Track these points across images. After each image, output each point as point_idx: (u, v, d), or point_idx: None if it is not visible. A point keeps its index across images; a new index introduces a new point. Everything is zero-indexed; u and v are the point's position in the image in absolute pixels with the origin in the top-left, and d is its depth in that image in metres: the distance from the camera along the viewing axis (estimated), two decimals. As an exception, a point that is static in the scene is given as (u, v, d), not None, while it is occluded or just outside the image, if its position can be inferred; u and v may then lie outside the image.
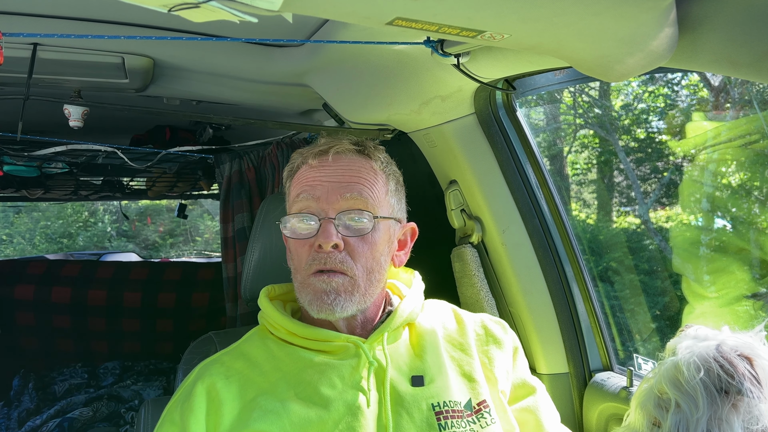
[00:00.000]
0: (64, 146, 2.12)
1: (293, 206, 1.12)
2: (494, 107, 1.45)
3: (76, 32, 1.22)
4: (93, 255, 5.95)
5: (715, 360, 0.88)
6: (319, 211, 1.07)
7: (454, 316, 1.24)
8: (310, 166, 1.11)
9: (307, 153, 1.13)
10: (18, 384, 3.36)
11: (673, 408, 0.89)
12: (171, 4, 0.62)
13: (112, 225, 13.39)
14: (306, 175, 1.11)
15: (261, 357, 1.09)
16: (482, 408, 1.07)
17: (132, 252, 6.86)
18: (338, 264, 1.05)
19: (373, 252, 1.08)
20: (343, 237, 1.05)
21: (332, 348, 1.07)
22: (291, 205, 1.13)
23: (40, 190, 3.31)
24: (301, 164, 1.14)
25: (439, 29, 0.73)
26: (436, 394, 1.04)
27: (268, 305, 1.14)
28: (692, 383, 0.88)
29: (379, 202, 1.10)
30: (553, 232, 1.51)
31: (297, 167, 1.15)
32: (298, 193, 1.11)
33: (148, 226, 13.29)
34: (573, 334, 1.50)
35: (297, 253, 1.09)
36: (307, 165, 1.12)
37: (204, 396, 1.02)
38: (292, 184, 1.15)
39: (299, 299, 1.10)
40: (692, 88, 5.32)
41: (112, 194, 3.98)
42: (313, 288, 1.06)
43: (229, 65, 1.49)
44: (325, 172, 1.10)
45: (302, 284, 1.08)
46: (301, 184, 1.11)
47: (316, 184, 1.09)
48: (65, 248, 12.29)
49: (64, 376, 3.48)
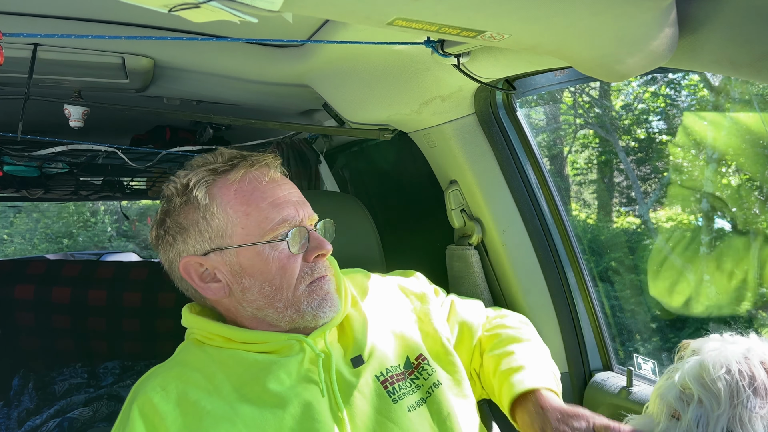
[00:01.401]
0: (64, 146, 2.12)
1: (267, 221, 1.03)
2: (494, 107, 1.45)
3: (77, 32, 1.22)
4: (93, 255, 5.96)
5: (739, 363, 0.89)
6: (301, 224, 1.06)
7: (374, 283, 1.28)
8: (263, 179, 1.06)
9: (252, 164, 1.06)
10: (18, 384, 3.36)
11: (695, 403, 0.91)
12: (171, 4, 0.62)
13: (113, 225, 13.39)
14: (270, 188, 1.05)
15: (199, 362, 1.04)
16: (421, 362, 1.13)
17: (132, 252, 6.86)
18: (327, 270, 1.09)
19: None
20: None
21: (275, 348, 1.05)
22: (258, 222, 1.03)
23: (41, 190, 3.31)
24: (245, 175, 1.05)
25: (439, 29, 0.73)
26: (378, 365, 1.09)
27: (194, 317, 1.11)
28: (715, 381, 0.89)
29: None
30: (553, 232, 1.51)
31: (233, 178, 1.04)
32: (273, 209, 1.03)
33: (148, 226, 13.28)
34: (573, 334, 1.50)
35: (284, 272, 1.03)
36: (261, 176, 1.06)
37: (140, 419, 0.95)
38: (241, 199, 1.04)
39: (295, 314, 1.05)
40: (692, 88, 5.31)
41: (113, 194, 3.98)
42: (321, 291, 1.06)
43: (229, 65, 1.49)
44: (287, 186, 1.08)
45: (302, 296, 1.04)
46: (270, 198, 1.04)
47: (288, 198, 1.06)
48: (65, 248, 12.29)
49: (64, 375, 3.48)
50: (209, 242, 1.04)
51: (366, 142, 2.34)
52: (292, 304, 1.04)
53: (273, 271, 1.03)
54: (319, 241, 1.06)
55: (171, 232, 1.08)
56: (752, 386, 0.87)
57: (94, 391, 3.29)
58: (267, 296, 1.04)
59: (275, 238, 1.02)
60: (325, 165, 2.58)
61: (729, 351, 0.92)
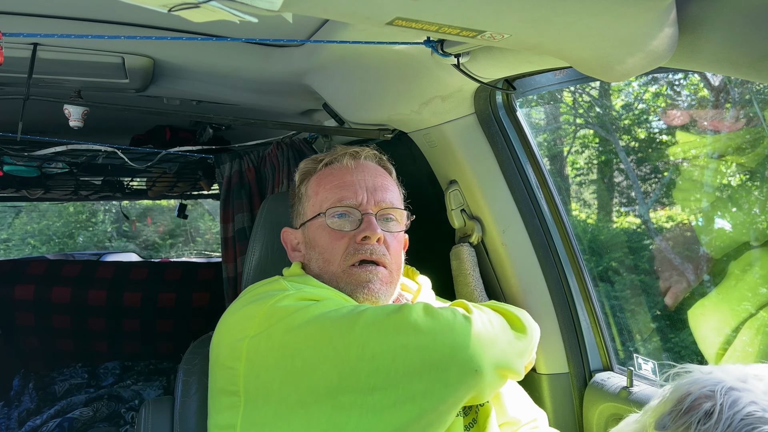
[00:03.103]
0: (64, 146, 2.12)
1: (327, 200, 1.17)
2: (494, 107, 1.45)
3: (76, 32, 1.22)
4: (93, 255, 5.95)
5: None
6: (360, 207, 1.16)
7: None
8: (344, 167, 1.20)
9: (335, 155, 1.21)
10: (18, 384, 3.36)
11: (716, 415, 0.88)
12: (171, 4, 0.62)
13: (113, 225, 13.40)
14: (340, 173, 1.19)
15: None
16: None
17: (132, 252, 6.86)
18: (381, 256, 1.14)
19: (400, 250, 1.21)
20: (382, 232, 1.15)
21: None
22: (323, 201, 1.18)
23: (40, 190, 3.31)
24: (329, 164, 1.21)
25: (439, 29, 0.73)
26: None
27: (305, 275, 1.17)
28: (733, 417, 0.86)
29: (402, 208, 1.23)
30: (553, 232, 1.51)
31: (320, 168, 1.22)
32: (335, 190, 1.17)
33: (148, 226, 13.29)
34: (573, 334, 1.50)
35: (331, 246, 1.14)
36: (339, 164, 1.20)
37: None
38: (319, 182, 1.20)
39: (333, 284, 1.13)
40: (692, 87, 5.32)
41: (113, 194, 3.98)
42: (358, 278, 1.12)
43: (229, 65, 1.49)
44: (360, 174, 1.19)
45: (343, 274, 1.13)
46: (336, 181, 1.18)
47: (355, 182, 1.17)
48: (65, 248, 12.29)
49: (65, 376, 3.48)
50: (299, 218, 1.24)
51: (366, 142, 2.34)
52: (335, 279, 1.14)
53: (323, 245, 1.15)
54: (368, 224, 1.13)
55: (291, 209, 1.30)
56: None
57: (95, 391, 3.29)
58: (320, 266, 1.16)
59: (331, 214, 1.15)
60: (325, 165, 2.57)
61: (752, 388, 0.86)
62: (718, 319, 1.95)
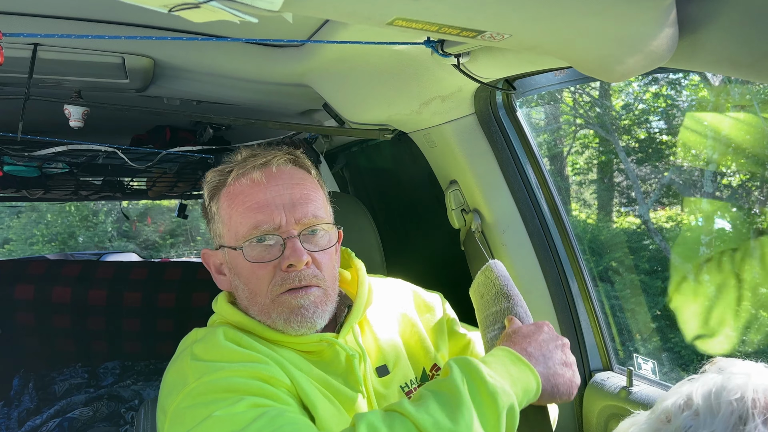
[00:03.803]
0: (64, 146, 2.12)
1: (242, 226, 1.03)
2: (494, 107, 1.45)
3: (77, 32, 1.22)
4: (93, 255, 5.96)
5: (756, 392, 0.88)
6: (280, 231, 1.02)
7: (413, 295, 1.27)
8: (252, 182, 1.04)
9: (243, 167, 1.05)
10: (18, 384, 3.36)
11: (692, 413, 0.91)
12: (171, 5, 0.62)
13: (113, 225, 13.40)
14: (251, 191, 1.04)
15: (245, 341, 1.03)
16: (434, 373, 1.15)
17: (132, 252, 6.86)
18: (312, 279, 1.03)
19: (333, 261, 1.09)
20: (308, 252, 1.02)
21: (310, 348, 1.06)
22: (238, 228, 1.04)
23: (41, 190, 3.31)
24: (237, 179, 1.05)
25: (439, 29, 0.73)
26: (402, 376, 1.12)
27: (230, 308, 1.09)
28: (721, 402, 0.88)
29: (326, 213, 1.10)
30: (553, 232, 1.51)
31: (231, 180, 1.06)
32: (248, 214, 1.03)
33: (148, 226, 13.30)
34: (573, 334, 1.50)
35: (256, 277, 1.02)
36: (247, 179, 1.04)
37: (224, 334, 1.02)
38: (231, 202, 1.05)
39: (270, 320, 1.04)
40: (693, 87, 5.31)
41: (113, 194, 3.98)
42: (289, 305, 1.02)
43: (230, 65, 1.49)
44: (275, 189, 1.04)
45: (272, 303, 1.03)
46: (248, 202, 1.03)
47: (270, 202, 1.02)
48: (65, 248, 12.29)
49: (64, 376, 3.48)
50: (217, 239, 1.11)
51: (366, 142, 2.34)
52: (264, 310, 1.04)
53: (247, 275, 1.04)
54: (292, 250, 1.01)
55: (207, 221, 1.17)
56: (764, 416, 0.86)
57: (94, 391, 3.29)
58: (248, 298, 1.06)
59: (251, 245, 1.02)
60: (325, 165, 2.58)
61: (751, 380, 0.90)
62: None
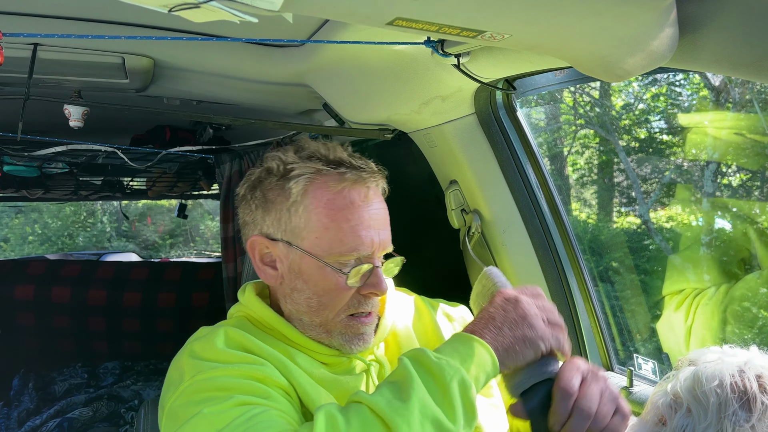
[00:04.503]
0: (64, 146, 2.12)
1: (339, 244, 1.00)
2: (494, 107, 1.45)
3: (76, 32, 1.22)
4: (93, 255, 5.96)
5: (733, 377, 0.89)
6: (371, 258, 1.02)
7: (417, 306, 1.26)
8: (355, 200, 1.01)
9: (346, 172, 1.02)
10: (18, 384, 3.36)
11: (684, 411, 0.91)
12: (171, 4, 0.62)
13: (112, 225, 13.40)
14: (354, 210, 1.01)
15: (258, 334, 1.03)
16: None
17: (132, 252, 6.86)
18: (375, 306, 1.06)
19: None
20: None
21: (327, 359, 1.06)
22: (331, 241, 1.00)
23: (40, 190, 3.32)
24: (338, 185, 1.01)
25: (439, 29, 0.73)
26: None
27: (258, 303, 1.08)
28: (707, 394, 0.89)
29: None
30: (553, 232, 1.51)
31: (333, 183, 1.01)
32: (350, 235, 1.00)
33: (148, 226, 13.29)
34: (573, 334, 1.50)
35: (336, 294, 1.01)
36: (349, 191, 1.01)
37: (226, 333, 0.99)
38: (328, 211, 1.01)
39: (324, 333, 1.05)
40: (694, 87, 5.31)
41: (112, 194, 3.98)
42: (356, 330, 1.04)
43: (229, 65, 1.49)
44: (373, 211, 1.03)
45: (340, 323, 1.03)
46: (352, 221, 1.01)
47: (369, 225, 1.01)
48: (65, 248, 12.29)
49: (64, 376, 3.48)
50: (283, 233, 1.03)
51: (366, 142, 2.34)
52: (325, 325, 1.04)
53: (325, 290, 1.02)
54: (378, 281, 1.02)
55: (256, 202, 1.07)
56: (741, 400, 0.87)
57: (94, 391, 3.29)
58: (310, 307, 1.03)
59: (339, 263, 1.01)
60: (325, 165, 2.56)
61: (725, 364, 0.91)
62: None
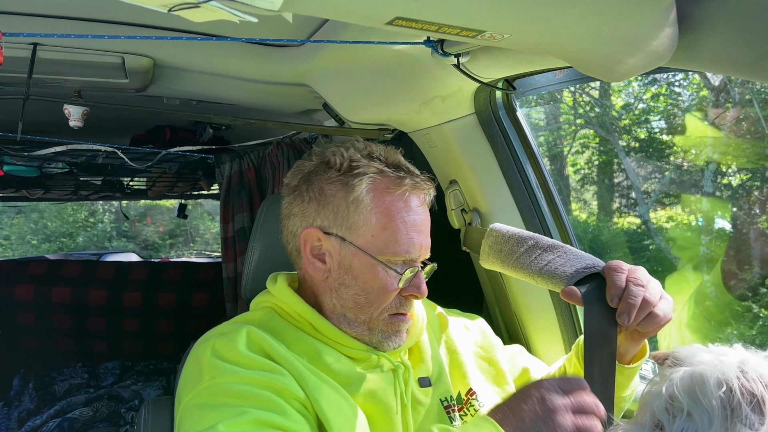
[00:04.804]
0: (64, 146, 2.13)
1: (394, 244, 1.05)
2: (494, 107, 1.45)
3: (76, 32, 1.22)
4: (93, 255, 5.96)
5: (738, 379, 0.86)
6: (416, 261, 1.09)
7: (438, 316, 1.29)
8: (411, 204, 1.07)
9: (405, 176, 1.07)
10: (18, 384, 3.36)
11: (684, 416, 0.88)
12: (171, 4, 0.62)
13: (112, 225, 13.40)
14: (411, 214, 1.07)
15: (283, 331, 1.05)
16: (469, 398, 1.17)
17: (132, 252, 6.86)
18: (412, 309, 1.12)
19: None
20: None
21: (354, 354, 1.08)
22: (387, 240, 1.04)
23: (40, 190, 3.32)
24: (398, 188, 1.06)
25: (439, 29, 0.73)
26: (443, 390, 1.14)
27: (291, 294, 1.10)
28: (711, 398, 0.85)
29: None
30: (553, 232, 1.51)
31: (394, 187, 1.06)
32: (407, 237, 1.05)
33: (148, 226, 13.30)
34: (573, 335, 1.50)
35: (384, 292, 1.06)
36: (407, 196, 1.07)
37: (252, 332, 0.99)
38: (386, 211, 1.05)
39: (365, 331, 1.08)
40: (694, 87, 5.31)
41: (112, 194, 3.98)
42: (396, 328, 1.09)
43: (229, 65, 1.49)
44: (423, 215, 1.09)
45: (382, 322, 1.08)
46: (408, 224, 1.06)
47: (420, 230, 1.08)
48: (65, 248, 12.30)
49: (64, 376, 3.48)
50: (338, 228, 1.05)
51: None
52: (369, 322, 1.07)
53: (374, 288, 1.05)
54: (420, 283, 1.08)
55: (311, 194, 1.08)
56: (752, 404, 0.83)
57: (94, 391, 3.29)
58: (357, 303, 1.06)
59: (392, 263, 1.05)
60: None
61: (725, 365, 0.87)
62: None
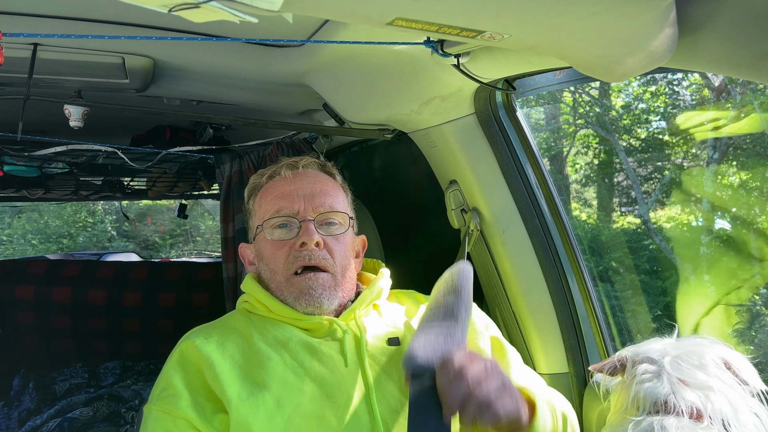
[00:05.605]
0: (64, 146, 2.13)
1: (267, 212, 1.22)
2: (494, 107, 1.45)
3: (76, 32, 1.22)
4: (93, 255, 5.96)
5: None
6: (298, 215, 1.19)
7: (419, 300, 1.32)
8: (283, 178, 1.24)
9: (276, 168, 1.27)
10: (18, 384, 3.36)
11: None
12: (171, 4, 0.62)
13: (113, 225, 13.40)
14: (279, 185, 1.24)
15: (242, 326, 1.16)
16: None
17: (132, 252, 6.86)
18: (321, 260, 1.16)
19: (345, 251, 1.22)
20: (320, 236, 1.18)
21: (310, 325, 1.15)
22: (264, 214, 1.23)
23: (41, 190, 3.31)
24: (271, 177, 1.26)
25: (439, 29, 0.73)
26: None
27: (252, 283, 1.22)
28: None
29: (344, 209, 1.26)
30: (553, 232, 1.51)
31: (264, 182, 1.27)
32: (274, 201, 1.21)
33: (148, 226, 13.29)
34: (573, 334, 1.50)
35: (274, 256, 1.19)
36: (279, 177, 1.25)
37: (178, 356, 1.13)
38: (262, 196, 1.26)
39: (283, 297, 1.18)
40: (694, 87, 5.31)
41: (113, 194, 3.98)
42: (299, 286, 1.15)
43: (229, 65, 1.49)
44: (298, 183, 1.23)
45: (286, 283, 1.17)
46: (275, 193, 1.23)
47: (293, 192, 1.21)
48: (65, 248, 12.29)
49: (65, 376, 3.48)
50: (250, 233, 1.30)
51: (366, 142, 2.34)
52: (279, 288, 1.18)
53: (268, 255, 1.20)
54: (305, 230, 1.17)
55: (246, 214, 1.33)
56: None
57: (95, 391, 3.29)
58: (268, 278, 1.21)
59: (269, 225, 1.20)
60: (325, 165, 2.56)
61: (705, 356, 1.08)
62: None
